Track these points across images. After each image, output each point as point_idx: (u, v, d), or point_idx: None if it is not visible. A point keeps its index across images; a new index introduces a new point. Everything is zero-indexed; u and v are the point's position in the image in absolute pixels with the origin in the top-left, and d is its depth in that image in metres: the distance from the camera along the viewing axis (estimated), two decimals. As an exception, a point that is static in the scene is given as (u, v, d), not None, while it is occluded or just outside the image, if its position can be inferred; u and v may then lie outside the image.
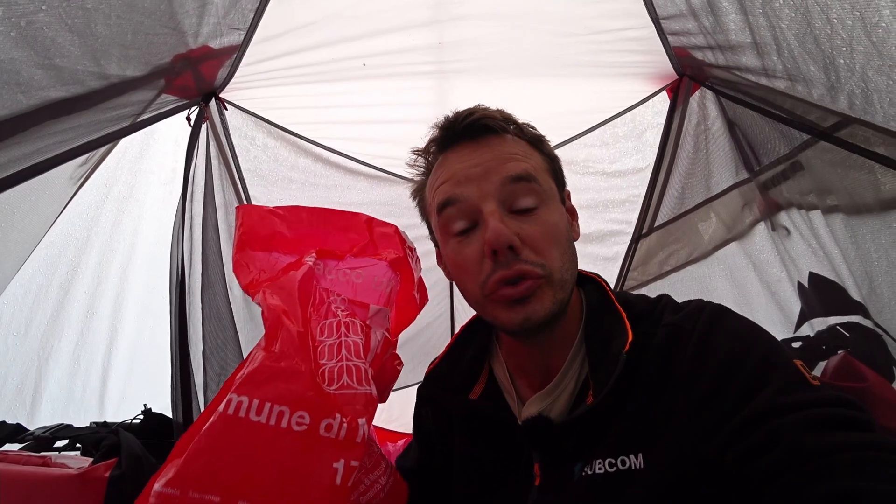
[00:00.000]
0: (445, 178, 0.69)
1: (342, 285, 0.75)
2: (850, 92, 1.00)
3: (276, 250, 0.77)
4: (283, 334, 0.63)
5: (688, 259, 1.91)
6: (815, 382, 0.56)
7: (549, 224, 0.66)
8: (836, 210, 1.36)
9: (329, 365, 0.64)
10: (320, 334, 0.66)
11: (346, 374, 0.63)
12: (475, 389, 0.78)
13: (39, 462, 1.14)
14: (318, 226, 0.81)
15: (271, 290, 0.69)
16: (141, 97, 1.20)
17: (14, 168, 0.97)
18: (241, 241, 0.76)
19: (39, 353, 1.63)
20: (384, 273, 0.79)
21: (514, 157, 0.67)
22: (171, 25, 1.01)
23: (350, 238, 0.82)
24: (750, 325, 0.64)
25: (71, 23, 0.79)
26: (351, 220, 0.83)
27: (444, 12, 1.43)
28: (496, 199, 0.65)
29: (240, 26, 1.24)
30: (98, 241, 1.65)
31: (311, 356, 0.63)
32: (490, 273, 0.64)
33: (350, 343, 0.67)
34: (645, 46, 1.54)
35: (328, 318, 0.68)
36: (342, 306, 0.71)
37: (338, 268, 0.76)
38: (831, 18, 0.85)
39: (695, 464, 0.57)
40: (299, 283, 0.69)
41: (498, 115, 0.70)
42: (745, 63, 1.26)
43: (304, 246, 0.78)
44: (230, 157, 1.67)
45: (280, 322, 0.64)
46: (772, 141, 1.52)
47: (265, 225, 0.78)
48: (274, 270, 0.74)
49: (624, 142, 1.93)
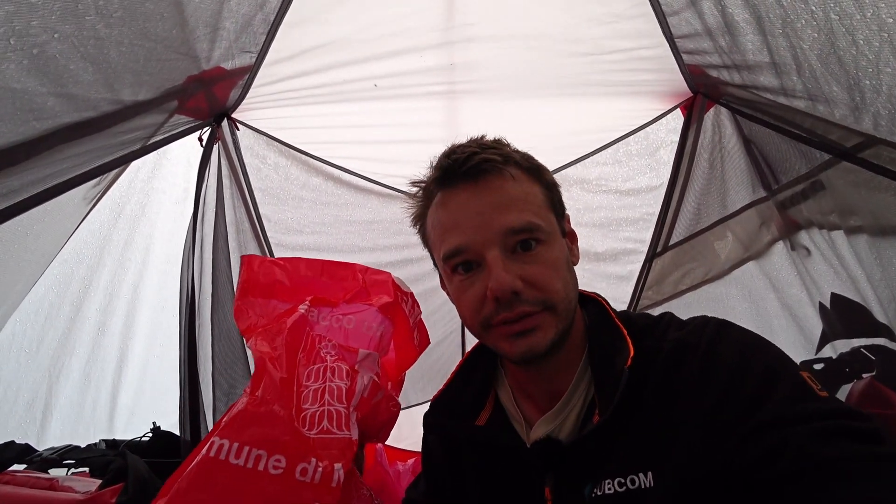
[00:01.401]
0: (450, 227, 0.70)
1: (334, 331, 0.79)
2: (875, 112, 0.97)
3: (276, 298, 0.81)
4: (265, 380, 0.66)
5: (704, 278, 1.87)
6: (821, 393, 0.57)
7: (550, 261, 0.68)
8: (859, 231, 1.32)
9: (311, 409, 0.66)
10: (307, 379, 0.69)
11: (326, 419, 0.66)
12: (482, 416, 0.79)
13: (47, 485, 1.13)
14: (315, 275, 0.86)
15: (262, 337, 0.72)
16: (153, 120, 1.21)
17: (27, 192, 0.97)
18: (243, 289, 0.81)
19: (50, 370, 1.64)
20: (374, 318, 0.82)
21: (515, 205, 0.68)
22: (183, 51, 1.02)
23: (345, 286, 0.86)
24: (755, 337, 0.64)
25: (84, 51, 0.80)
26: (346, 269, 0.88)
27: (456, 34, 1.43)
28: (498, 246, 0.66)
29: (251, 49, 1.25)
30: (110, 259, 1.66)
31: (294, 401, 0.66)
32: (492, 313, 0.66)
33: (334, 388, 0.69)
34: (658, 65, 1.52)
35: (316, 364, 0.71)
36: (332, 351, 0.74)
37: (331, 314, 0.81)
38: (857, 40, 0.82)
39: (703, 477, 0.58)
40: (289, 329, 0.73)
41: (496, 156, 0.69)
42: (763, 82, 1.24)
43: (302, 294, 0.82)
44: (242, 176, 1.68)
45: (264, 368, 0.67)
46: (790, 159, 1.49)
47: (266, 274, 0.83)
48: (271, 317, 0.77)
49: (637, 160, 1.90)
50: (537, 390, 0.74)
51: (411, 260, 2.39)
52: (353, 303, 0.84)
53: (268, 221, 1.79)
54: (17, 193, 0.94)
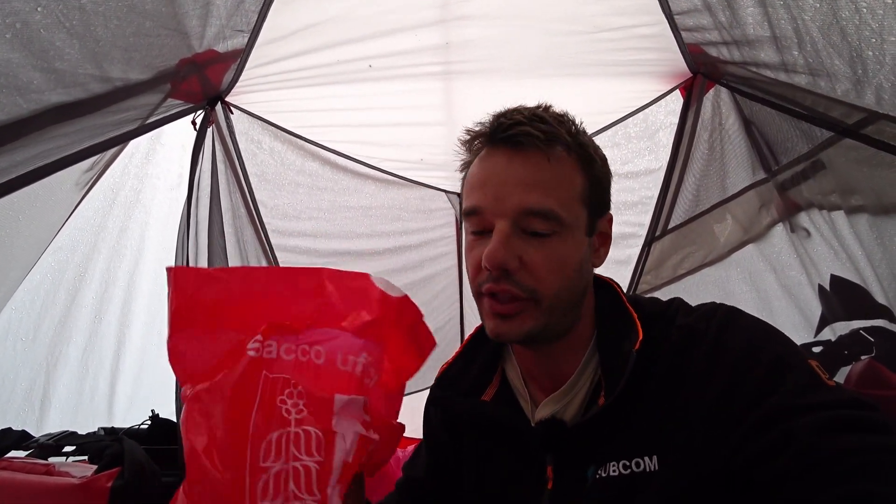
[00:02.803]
0: (478, 184, 0.69)
1: (301, 368, 0.58)
2: (878, 86, 0.95)
3: (220, 326, 0.60)
4: (199, 487, 0.51)
5: (703, 261, 1.86)
6: (830, 383, 0.56)
7: (556, 254, 0.65)
8: (860, 210, 1.31)
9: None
10: (265, 458, 0.53)
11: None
12: (487, 392, 0.78)
13: (43, 470, 1.13)
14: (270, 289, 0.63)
15: (195, 407, 0.54)
16: (146, 101, 1.19)
17: (17, 172, 0.96)
18: (177, 319, 0.59)
19: (48, 358, 1.63)
20: (350, 347, 0.61)
21: (542, 187, 0.65)
22: (172, 27, 1.00)
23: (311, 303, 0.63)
24: (764, 325, 0.64)
25: (69, 25, 0.78)
26: (309, 278, 0.64)
27: (450, 12, 1.40)
28: (510, 220, 0.65)
29: (244, 28, 1.23)
30: (105, 246, 1.65)
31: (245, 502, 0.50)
32: (484, 280, 0.66)
33: (300, 470, 0.53)
34: (657, 44, 1.50)
35: (276, 429, 0.54)
36: (298, 402, 0.56)
37: (297, 343, 0.60)
38: (860, 7, 0.81)
39: (709, 465, 0.57)
40: (233, 386, 0.55)
41: (540, 133, 0.65)
42: (763, 58, 1.22)
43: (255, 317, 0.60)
44: (237, 161, 1.66)
45: (197, 464, 0.51)
46: (791, 139, 1.47)
47: (203, 293, 0.60)
48: (217, 355, 0.58)
49: (636, 142, 1.89)
50: (542, 372, 0.73)
51: (409, 246, 2.39)
52: (320, 326, 0.61)
53: (264, 207, 1.78)
54: (7, 172, 0.92)
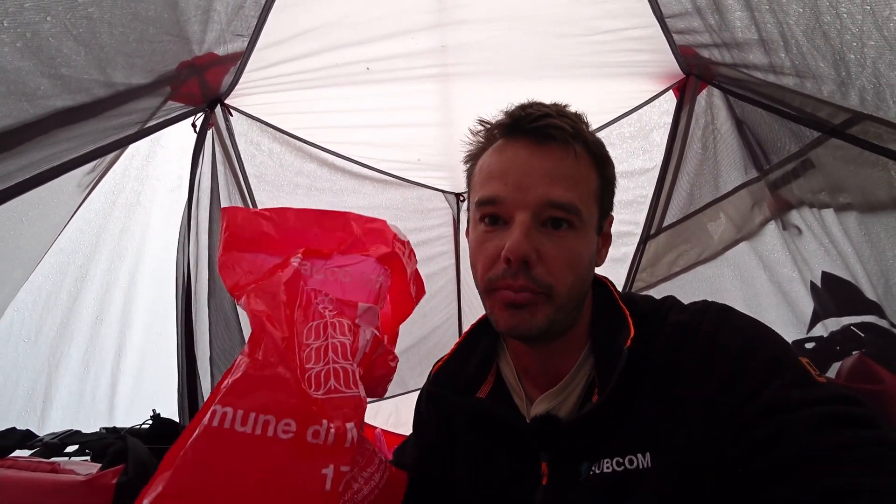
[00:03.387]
0: (497, 173, 0.68)
1: (330, 284, 0.74)
2: (861, 87, 0.98)
3: (263, 251, 0.75)
4: (266, 340, 0.62)
5: (697, 259, 1.89)
6: (820, 380, 0.57)
7: (573, 250, 0.66)
8: (849, 208, 1.33)
9: (316, 369, 0.63)
10: (307, 337, 0.66)
11: (333, 378, 0.63)
12: (482, 389, 0.78)
13: (48, 468, 1.14)
14: (304, 226, 0.79)
15: (255, 295, 0.67)
16: (147, 104, 1.21)
17: (21, 176, 0.97)
18: (227, 243, 0.74)
19: (49, 359, 1.64)
20: (372, 269, 0.77)
21: (565, 181, 0.66)
22: (174, 33, 1.02)
23: (338, 237, 0.80)
24: (756, 323, 0.65)
25: (76, 32, 0.80)
26: (338, 219, 0.82)
27: (446, 16, 1.42)
28: (531, 212, 0.65)
29: (243, 33, 1.25)
30: (106, 248, 1.66)
31: (297, 362, 0.62)
32: (499, 275, 0.65)
33: (337, 345, 0.66)
34: (649, 45, 1.52)
35: (315, 320, 0.67)
36: (330, 306, 0.70)
37: (325, 267, 0.75)
38: (840, 13, 0.83)
39: (703, 461, 0.58)
40: (285, 285, 0.69)
41: (568, 127, 0.66)
42: (753, 60, 1.24)
43: (291, 246, 0.76)
44: (236, 162, 1.68)
45: (263, 328, 0.63)
46: (781, 139, 1.50)
47: (251, 226, 0.76)
48: (260, 272, 0.72)
49: (630, 142, 1.91)
50: (539, 369, 0.74)
51: (407, 247, 2.41)
52: (347, 254, 0.78)
53: (263, 208, 1.79)
54: (11, 177, 0.94)
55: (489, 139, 0.73)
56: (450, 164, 2.27)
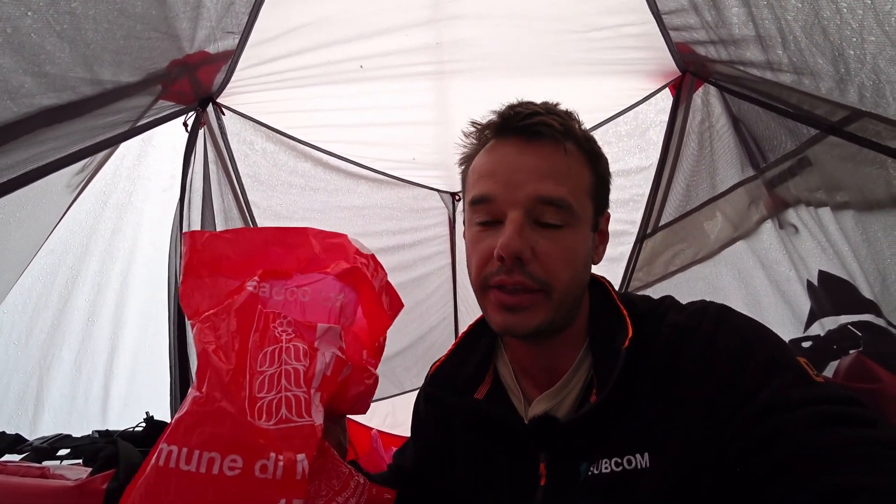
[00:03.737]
0: (487, 173, 0.69)
1: (289, 306, 0.72)
2: (860, 84, 0.97)
3: (223, 274, 0.73)
4: (210, 374, 0.60)
5: (694, 258, 1.88)
6: (818, 379, 0.57)
7: (567, 246, 0.66)
8: (846, 206, 1.33)
9: (268, 398, 0.61)
10: (261, 364, 0.63)
11: (284, 407, 0.61)
12: (480, 390, 0.78)
13: (38, 473, 1.12)
14: (264, 246, 0.77)
15: (204, 325, 0.65)
16: (137, 103, 1.19)
17: (8, 175, 0.96)
18: (188, 269, 0.72)
19: (41, 361, 1.62)
20: (332, 287, 0.74)
21: (555, 176, 0.66)
22: (163, 30, 1.00)
23: (297, 255, 0.78)
24: (754, 323, 0.65)
25: (59, 28, 0.78)
26: (298, 236, 0.79)
27: (441, 12, 1.41)
28: (523, 209, 0.65)
29: (234, 30, 1.23)
30: (97, 248, 1.64)
31: (245, 392, 0.60)
32: (494, 272, 0.66)
33: (290, 371, 0.63)
34: (645, 43, 1.51)
35: (270, 346, 0.65)
36: (288, 329, 0.67)
37: (286, 287, 0.73)
38: (841, 8, 0.82)
39: (702, 461, 0.58)
40: (236, 312, 0.67)
41: (558, 125, 0.67)
42: (750, 57, 1.23)
43: (251, 268, 0.74)
44: (229, 162, 1.66)
45: (207, 361, 0.61)
46: (778, 137, 1.49)
47: (210, 249, 0.74)
48: (220, 297, 0.70)
49: (627, 140, 1.90)
50: (537, 369, 0.74)
51: (403, 246, 2.40)
52: (307, 272, 0.75)
53: (256, 208, 1.77)
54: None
55: (481, 140, 0.73)
56: (445, 164, 2.26)
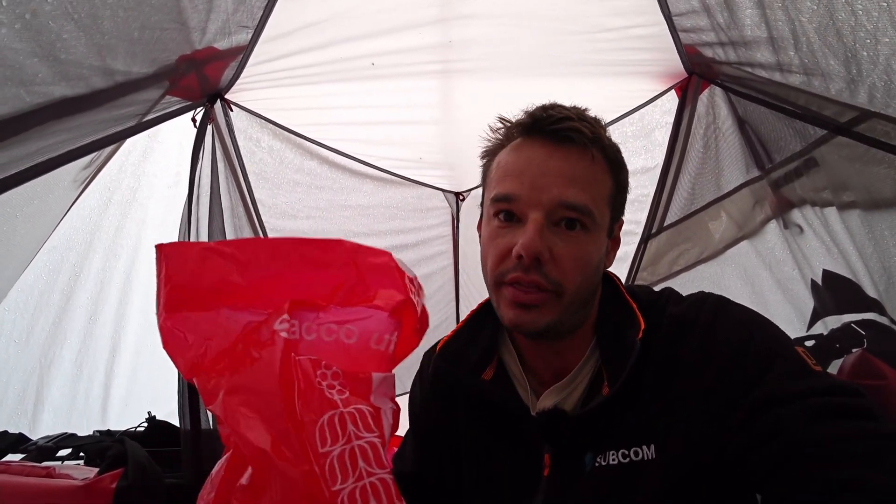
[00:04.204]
0: (514, 172, 0.70)
1: (328, 348, 0.54)
2: (871, 85, 0.98)
3: (226, 306, 0.54)
4: (278, 481, 0.45)
5: (698, 258, 1.89)
6: (817, 369, 0.58)
7: (583, 251, 0.67)
8: (852, 206, 1.34)
9: (347, 489, 0.45)
10: (322, 444, 0.47)
11: (373, 498, 0.46)
12: (486, 372, 0.79)
13: (43, 473, 1.11)
14: (284, 263, 0.57)
15: (236, 395, 0.47)
16: (146, 97, 1.18)
17: (16, 168, 0.94)
18: (170, 299, 0.52)
19: (41, 360, 1.61)
20: (385, 327, 0.58)
21: (580, 183, 0.67)
22: (178, 20, 0.99)
23: (331, 276, 0.58)
24: (752, 314, 0.66)
25: (77, 16, 0.77)
26: (330, 249, 0.59)
27: (451, 11, 1.41)
28: (545, 211, 0.66)
29: (248, 24, 1.22)
30: (101, 245, 1.62)
31: (325, 494, 0.45)
32: (510, 269, 0.67)
33: (366, 447, 0.48)
34: (653, 44, 1.53)
35: (327, 412, 0.49)
36: (334, 382, 0.51)
37: (319, 323, 0.55)
38: (856, 10, 0.84)
39: (703, 452, 0.59)
40: (280, 374, 0.48)
41: (587, 131, 0.68)
42: (759, 59, 1.25)
43: (267, 294, 0.55)
44: (235, 159, 1.65)
45: (268, 464, 0.45)
46: (784, 138, 1.51)
47: (205, 270, 0.54)
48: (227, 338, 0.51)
49: (632, 141, 1.92)
50: (544, 364, 0.74)
51: (407, 245, 2.39)
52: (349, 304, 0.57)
53: (262, 206, 1.76)
54: (6, 168, 0.91)
55: (508, 137, 0.74)
56: (449, 163, 2.26)
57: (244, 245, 0.58)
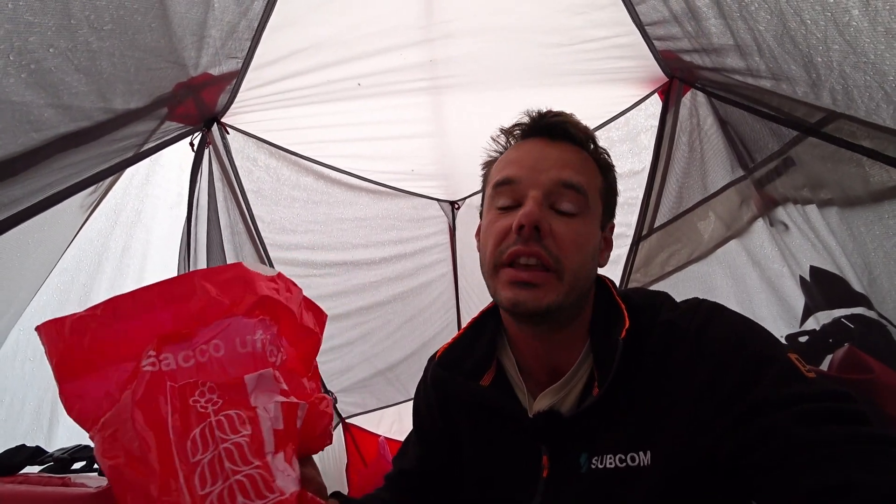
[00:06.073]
0: (510, 161, 0.74)
1: (205, 368, 0.59)
2: (831, 88, 1.01)
3: (109, 363, 0.59)
4: (130, 499, 0.50)
5: (689, 259, 1.91)
6: (809, 375, 0.58)
7: (580, 232, 0.69)
8: (830, 203, 1.37)
9: (216, 490, 0.51)
10: (193, 454, 0.53)
11: (240, 495, 0.51)
12: (485, 378, 0.80)
13: (59, 483, 1.17)
14: (147, 308, 0.62)
15: (104, 435, 0.54)
16: (145, 127, 1.24)
17: (29, 202, 1.01)
18: (59, 371, 0.58)
19: (56, 378, 1.67)
20: (244, 329, 0.62)
21: (575, 167, 0.71)
22: (171, 59, 1.06)
23: (192, 307, 0.63)
24: (744, 320, 0.66)
25: (78, 63, 0.84)
26: (183, 283, 0.64)
27: (435, 31, 1.47)
28: (543, 191, 0.69)
29: (237, 55, 1.29)
30: (109, 266, 1.68)
31: (186, 499, 0.50)
32: (510, 244, 0.67)
33: (231, 449, 0.53)
34: (633, 52, 1.56)
35: (197, 426, 0.55)
36: (212, 397, 0.57)
37: (191, 348, 0.60)
38: (805, 20, 0.87)
39: (696, 457, 0.60)
40: (138, 403, 0.54)
41: (581, 131, 0.73)
42: (731, 64, 1.28)
43: (141, 340, 0.60)
44: (234, 178, 1.72)
45: (122, 481, 0.50)
46: (763, 138, 1.53)
47: (80, 339, 0.59)
48: (118, 390, 0.57)
49: (619, 145, 1.95)
50: (541, 365, 0.75)
51: (404, 255, 2.44)
52: (209, 322, 0.61)
53: (261, 222, 1.83)
54: (19, 203, 0.98)
55: (507, 143, 0.79)
56: (443, 174, 2.31)
57: (108, 304, 0.62)
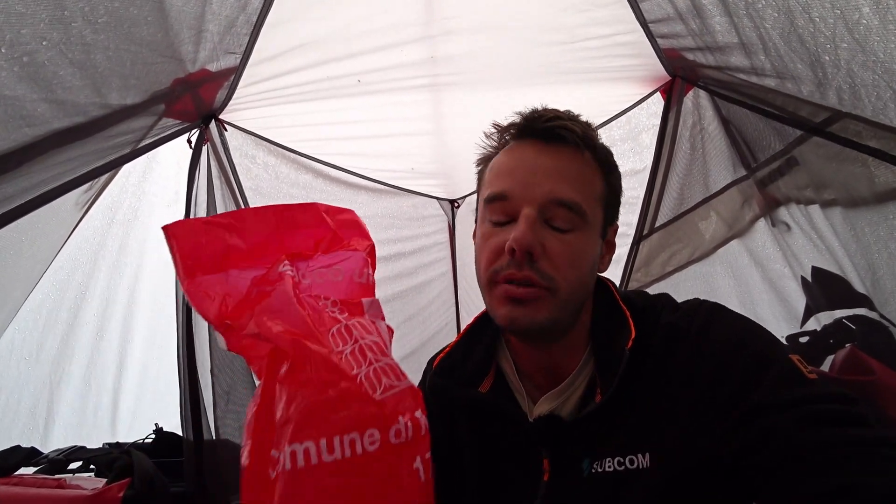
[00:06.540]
0: (505, 171, 0.70)
1: (322, 287, 0.67)
2: (838, 87, 1.00)
3: (233, 267, 0.66)
4: (313, 360, 0.57)
5: (690, 258, 1.90)
6: (811, 376, 0.58)
7: (576, 248, 0.67)
8: (833, 204, 1.36)
9: (363, 372, 0.58)
10: (335, 345, 0.60)
11: (384, 376, 0.59)
12: (484, 383, 0.79)
13: (55, 484, 1.16)
14: (271, 227, 0.71)
15: (264, 315, 0.60)
16: (142, 123, 1.23)
17: (23, 198, 0.99)
18: (187, 267, 0.63)
19: (51, 376, 1.66)
20: (363, 264, 0.72)
21: (571, 180, 0.67)
22: (168, 54, 1.04)
23: (312, 233, 0.73)
24: (746, 321, 0.66)
25: (72, 57, 0.82)
26: (306, 212, 0.74)
27: (435, 28, 1.45)
28: (537, 207, 0.66)
29: (235, 50, 1.27)
30: (105, 264, 1.68)
31: (347, 372, 0.58)
32: (503, 267, 0.66)
33: (371, 344, 0.61)
34: (635, 50, 1.55)
35: (332, 326, 0.62)
36: (333, 309, 0.64)
37: (310, 269, 0.69)
38: (813, 17, 0.86)
39: (697, 460, 0.59)
40: (294, 296, 0.62)
41: (579, 131, 0.68)
42: (735, 63, 1.27)
43: (264, 254, 0.68)
44: (232, 176, 1.70)
45: (302, 347, 0.57)
46: (766, 137, 1.52)
47: (210, 240, 0.66)
48: (240, 291, 0.64)
49: (620, 144, 1.94)
50: (540, 370, 0.74)
51: (404, 253, 2.43)
52: (331, 251, 0.71)
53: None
54: (13, 199, 0.96)
55: (501, 143, 0.75)
56: (443, 172, 2.30)
57: (237, 215, 0.70)
